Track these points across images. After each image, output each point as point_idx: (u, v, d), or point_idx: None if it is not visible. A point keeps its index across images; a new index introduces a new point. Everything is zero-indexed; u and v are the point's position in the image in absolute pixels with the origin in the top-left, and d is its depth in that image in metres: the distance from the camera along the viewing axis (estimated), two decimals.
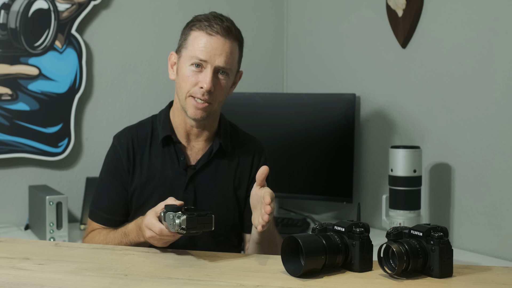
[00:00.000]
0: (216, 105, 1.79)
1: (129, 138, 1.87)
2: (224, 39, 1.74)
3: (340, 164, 2.72)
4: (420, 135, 2.50)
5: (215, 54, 1.73)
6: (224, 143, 1.85)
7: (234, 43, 1.77)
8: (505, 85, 2.18)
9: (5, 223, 2.65)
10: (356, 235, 1.41)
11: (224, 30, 1.74)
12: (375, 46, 2.70)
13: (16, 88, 2.62)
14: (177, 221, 1.47)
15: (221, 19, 1.76)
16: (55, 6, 2.67)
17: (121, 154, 1.85)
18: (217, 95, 1.77)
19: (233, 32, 1.76)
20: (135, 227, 1.68)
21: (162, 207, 1.56)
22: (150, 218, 1.57)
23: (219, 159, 1.85)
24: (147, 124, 1.90)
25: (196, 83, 1.74)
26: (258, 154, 1.91)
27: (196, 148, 1.86)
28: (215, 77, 1.75)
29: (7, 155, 2.62)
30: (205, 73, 1.74)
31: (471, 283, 1.36)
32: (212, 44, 1.73)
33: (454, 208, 2.38)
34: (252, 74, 3.14)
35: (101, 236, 1.81)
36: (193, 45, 1.75)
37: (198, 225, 1.48)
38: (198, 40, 1.75)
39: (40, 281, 1.36)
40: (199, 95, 1.74)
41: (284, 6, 3.22)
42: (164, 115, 1.88)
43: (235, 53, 1.78)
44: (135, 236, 1.68)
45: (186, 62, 1.76)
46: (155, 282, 1.36)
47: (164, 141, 1.84)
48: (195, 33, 1.76)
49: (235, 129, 1.94)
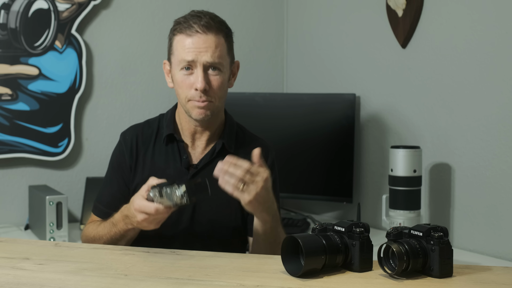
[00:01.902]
0: (217, 102, 1.78)
1: (134, 135, 1.88)
2: (205, 35, 1.73)
3: (340, 164, 2.72)
4: (420, 135, 2.50)
5: (200, 52, 1.73)
6: (227, 143, 1.85)
7: (218, 36, 1.75)
8: (505, 85, 2.18)
9: (5, 223, 2.65)
10: (356, 235, 1.41)
11: (203, 27, 1.73)
12: (375, 46, 2.70)
13: (16, 88, 2.62)
14: (178, 192, 1.51)
15: (199, 16, 1.75)
16: (55, 6, 2.67)
17: (124, 151, 1.87)
18: (215, 92, 1.76)
19: (214, 25, 1.74)
20: (121, 217, 1.70)
21: (146, 188, 1.58)
22: (140, 201, 1.58)
23: (222, 159, 1.85)
24: (154, 122, 1.92)
25: (191, 85, 1.75)
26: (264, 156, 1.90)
27: (199, 147, 1.86)
28: (207, 75, 1.74)
29: (7, 155, 2.62)
30: (196, 74, 1.74)
31: (471, 283, 1.35)
32: (195, 43, 1.73)
33: (454, 208, 2.38)
34: (252, 74, 3.14)
35: (93, 226, 1.83)
36: (178, 50, 1.76)
37: (197, 191, 1.54)
38: (181, 43, 1.75)
39: (40, 281, 1.36)
40: (197, 97, 1.75)
41: (284, 6, 3.22)
42: (170, 114, 1.90)
43: (221, 46, 1.76)
44: (123, 225, 1.70)
45: (177, 68, 1.77)
46: (155, 282, 1.36)
47: (167, 139, 1.85)
48: (177, 37, 1.77)
49: (242, 130, 1.94)
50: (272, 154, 1.93)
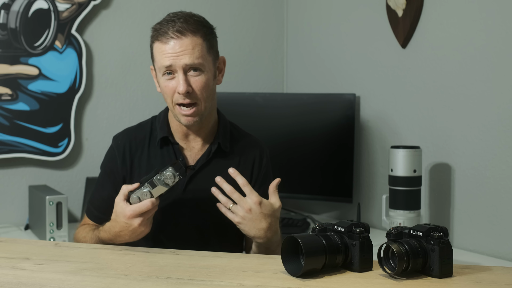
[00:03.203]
0: (204, 103, 1.77)
1: (126, 140, 1.87)
2: (179, 40, 1.72)
3: (340, 164, 2.72)
4: (420, 135, 2.50)
5: (177, 56, 1.72)
6: (223, 143, 1.85)
7: (195, 37, 1.73)
8: (505, 85, 2.18)
9: (5, 223, 2.66)
10: (356, 235, 1.41)
11: (177, 32, 1.72)
12: (375, 46, 2.70)
13: (16, 88, 2.62)
14: (168, 174, 1.62)
15: (174, 20, 1.74)
16: (55, 6, 2.67)
17: (116, 156, 1.86)
18: (199, 93, 1.75)
19: (187, 28, 1.73)
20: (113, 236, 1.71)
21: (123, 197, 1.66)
22: (129, 207, 1.64)
23: (218, 159, 1.85)
24: (146, 125, 1.91)
25: (174, 90, 1.75)
26: (259, 154, 1.90)
27: (195, 148, 1.85)
28: (187, 77, 1.74)
29: (7, 155, 2.62)
30: (177, 78, 1.74)
31: (471, 283, 1.36)
32: (171, 49, 1.73)
33: (454, 208, 2.38)
34: (252, 74, 3.14)
35: (83, 232, 1.83)
36: (157, 57, 1.76)
37: (181, 169, 1.64)
38: (158, 50, 1.75)
39: (40, 281, 1.36)
40: (181, 100, 1.74)
41: (284, 6, 3.22)
42: (162, 116, 1.89)
43: (198, 46, 1.74)
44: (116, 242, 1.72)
45: (159, 74, 1.78)
46: (155, 282, 1.36)
47: (162, 142, 1.84)
48: (154, 45, 1.78)
49: (236, 129, 1.94)
50: (267, 154, 1.92)
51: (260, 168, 1.88)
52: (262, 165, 1.89)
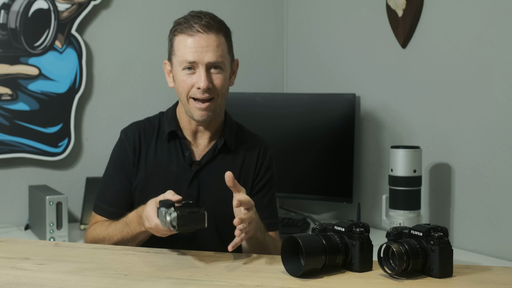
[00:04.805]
0: (220, 99, 1.80)
1: (136, 132, 1.89)
2: (206, 35, 1.74)
3: (340, 164, 2.72)
4: (420, 135, 2.50)
5: (202, 52, 1.74)
6: (228, 140, 1.87)
7: (219, 35, 1.77)
8: (505, 85, 2.18)
9: (5, 223, 2.65)
10: (356, 235, 1.41)
11: (204, 27, 1.75)
12: (375, 46, 2.70)
13: (16, 88, 2.62)
14: (168, 218, 1.48)
15: (199, 16, 1.77)
16: (55, 6, 2.67)
17: (127, 148, 1.87)
18: (218, 89, 1.78)
19: (214, 25, 1.76)
20: (136, 217, 1.69)
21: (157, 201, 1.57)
22: (150, 210, 1.59)
23: (224, 155, 1.87)
24: (154, 120, 1.93)
25: (193, 85, 1.76)
26: (263, 152, 1.93)
27: (201, 144, 1.88)
28: (209, 74, 1.76)
29: (7, 155, 2.62)
30: (198, 73, 1.75)
31: (471, 283, 1.36)
32: (196, 43, 1.74)
33: (454, 208, 2.38)
34: (252, 74, 3.14)
35: (102, 227, 1.82)
36: (180, 50, 1.77)
37: (190, 222, 1.47)
38: (182, 43, 1.76)
39: (40, 281, 1.36)
40: (198, 95, 1.76)
41: (284, 6, 3.22)
42: (171, 112, 1.91)
43: (222, 45, 1.78)
44: (136, 225, 1.69)
45: (178, 68, 1.78)
46: (155, 282, 1.36)
47: (169, 136, 1.86)
48: (178, 37, 1.78)
49: (241, 128, 1.96)
50: (270, 153, 1.95)
51: (263, 161, 1.91)
52: (265, 160, 1.91)
